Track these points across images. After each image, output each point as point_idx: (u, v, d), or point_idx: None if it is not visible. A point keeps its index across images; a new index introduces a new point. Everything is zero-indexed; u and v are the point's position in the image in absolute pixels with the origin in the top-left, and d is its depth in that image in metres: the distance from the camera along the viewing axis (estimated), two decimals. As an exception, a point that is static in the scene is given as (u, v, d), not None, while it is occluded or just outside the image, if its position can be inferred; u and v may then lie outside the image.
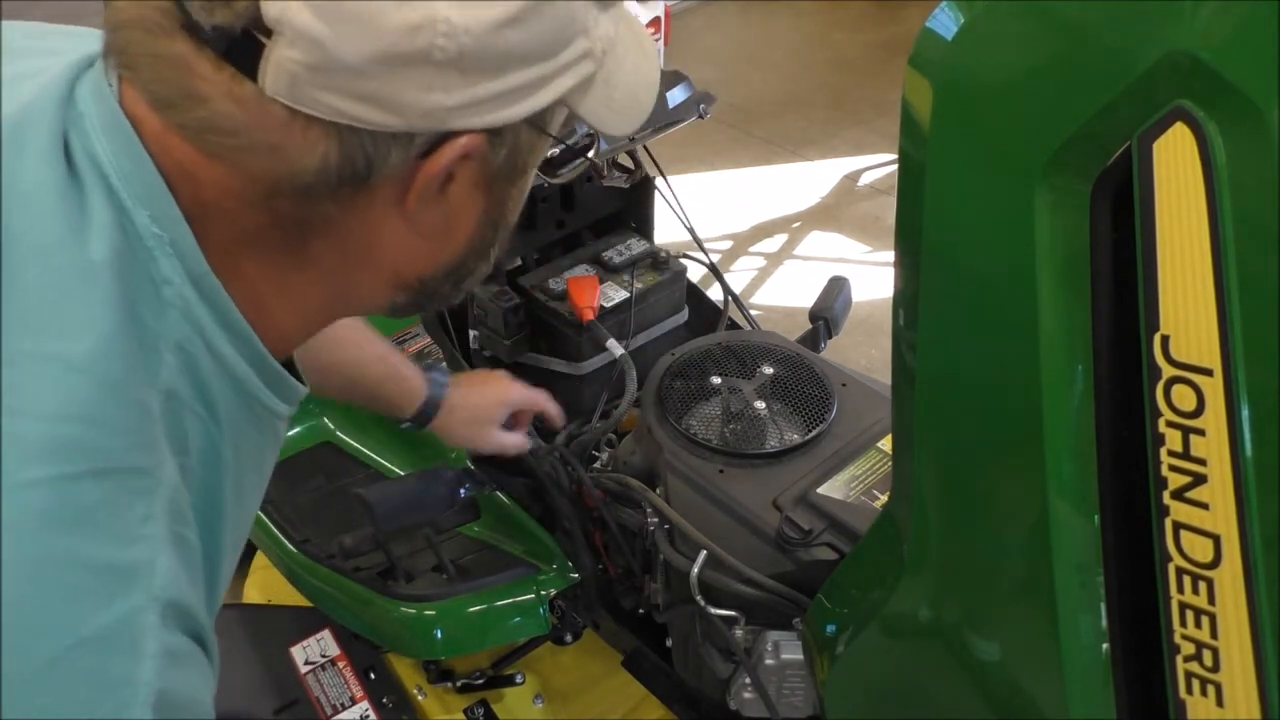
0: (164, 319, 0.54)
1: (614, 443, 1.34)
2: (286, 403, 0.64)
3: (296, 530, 1.57)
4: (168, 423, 0.54)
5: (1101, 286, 0.59)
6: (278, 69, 0.49)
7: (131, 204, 0.53)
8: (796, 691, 1.04)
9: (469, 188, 0.58)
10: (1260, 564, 0.52)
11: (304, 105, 0.50)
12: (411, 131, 0.52)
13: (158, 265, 0.54)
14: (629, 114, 0.64)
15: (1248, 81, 0.48)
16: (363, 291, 0.63)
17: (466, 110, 0.53)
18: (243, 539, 0.67)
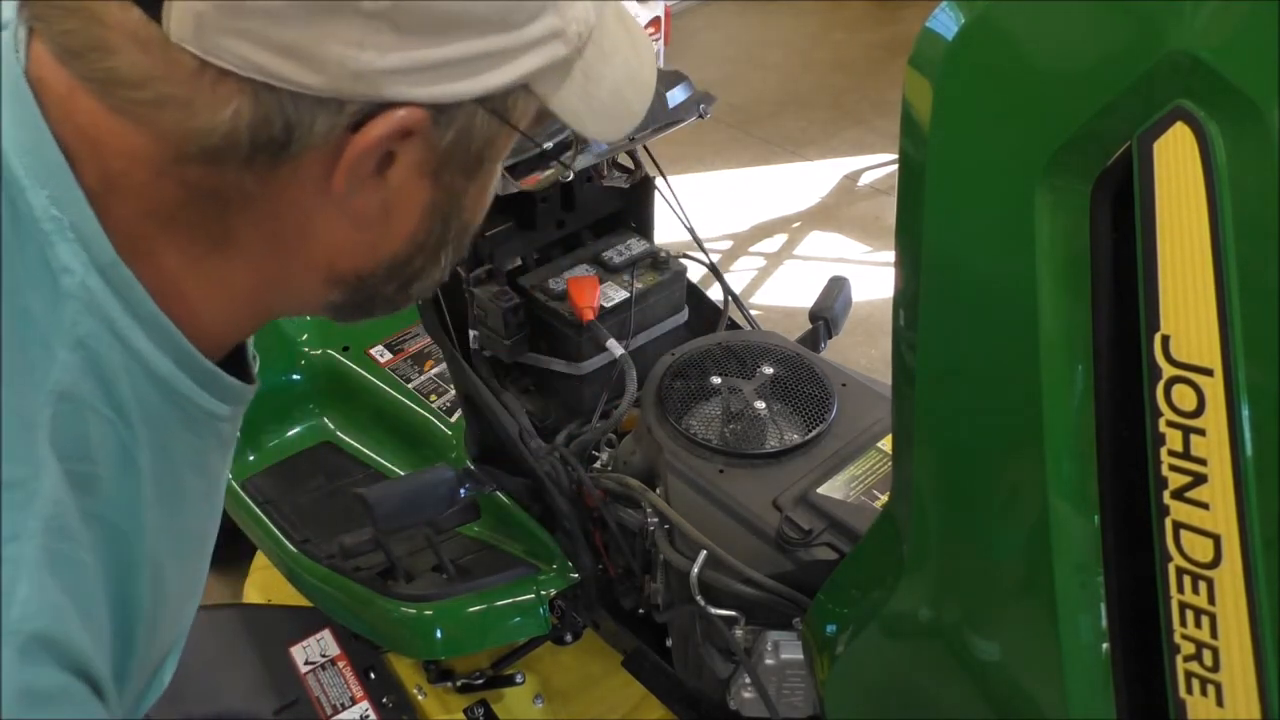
0: (59, 312, 0.48)
1: (614, 443, 1.34)
2: (226, 403, 0.58)
3: (296, 530, 1.57)
4: (60, 427, 0.47)
5: (1101, 286, 0.59)
6: (182, 11, 0.43)
7: (28, 181, 0.47)
8: (796, 691, 1.04)
9: (412, 172, 0.51)
10: (1260, 564, 0.52)
11: (212, 54, 0.44)
12: (340, 97, 0.46)
13: (55, 251, 0.48)
14: (613, 116, 0.58)
15: (1248, 81, 0.48)
16: (294, 284, 0.56)
17: (404, 77, 0.47)
18: (196, 548, 0.61)
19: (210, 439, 0.59)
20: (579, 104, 0.55)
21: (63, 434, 0.48)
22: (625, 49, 0.58)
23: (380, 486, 1.27)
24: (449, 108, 0.49)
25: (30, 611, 0.44)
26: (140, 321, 0.51)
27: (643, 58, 0.62)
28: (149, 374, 0.52)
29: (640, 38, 0.63)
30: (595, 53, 0.55)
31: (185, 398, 0.55)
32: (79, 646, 0.46)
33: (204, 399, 0.56)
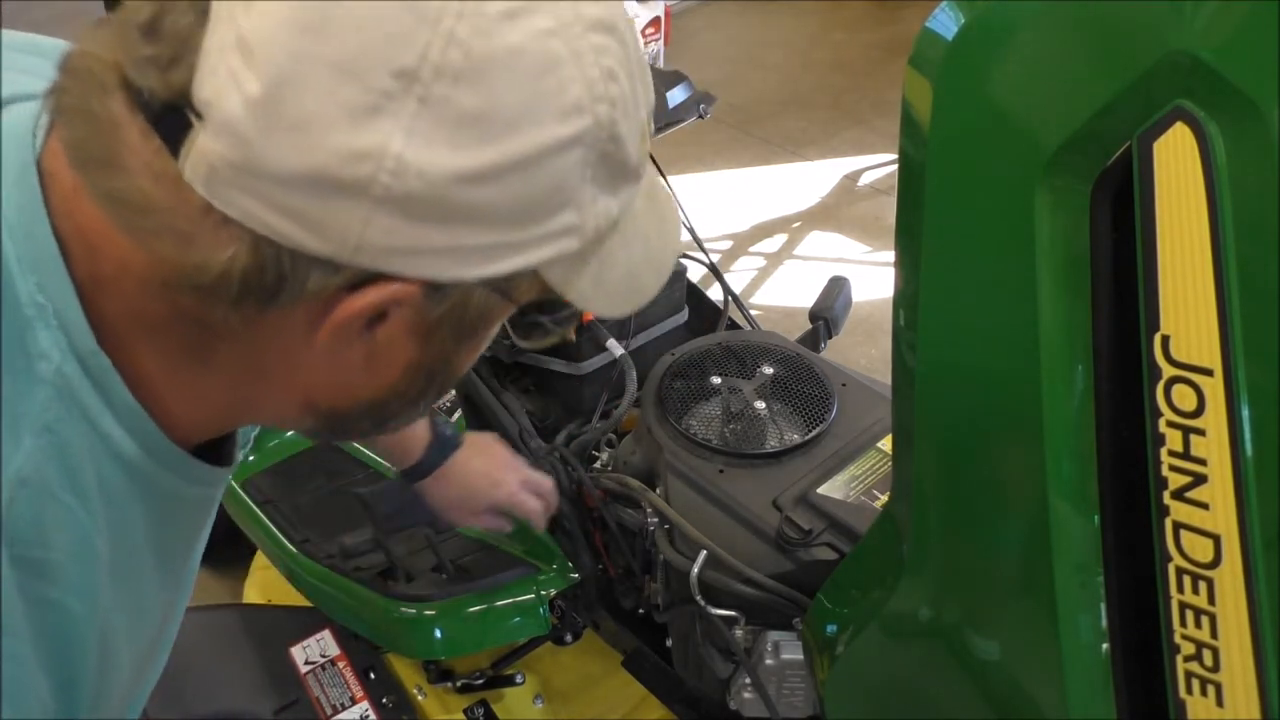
0: (29, 398, 0.48)
1: (614, 443, 1.34)
2: (193, 484, 0.58)
3: (296, 530, 1.57)
4: (16, 513, 0.47)
5: (1101, 286, 0.59)
6: (199, 156, 0.43)
7: (18, 267, 0.48)
8: (796, 691, 1.04)
9: (400, 332, 0.51)
10: (1260, 564, 0.52)
11: (219, 201, 0.44)
12: (338, 262, 0.46)
13: (35, 337, 0.48)
14: (624, 296, 0.58)
15: (1248, 81, 0.48)
16: (269, 405, 0.56)
17: (406, 256, 0.46)
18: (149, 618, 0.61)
19: (172, 516, 0.59)
20: (589, 288, 0.54)
21: (18, 519, 0.48)
22: (648, 231, 0.58)
23: (380, 486, 1.27)
24: (446, 285, 0.49)
25: None
26: (113, 408, 0.51)
27: (666, 238, 0.61)
28: (114, 456, 0.52)
29: (668, 214, 0.62)
30: (616, 240, 0.55)
31: (149, 479, 0.54)
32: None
33: (169, 480, 0.56)
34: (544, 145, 0.46)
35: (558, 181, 0.48)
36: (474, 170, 0.45)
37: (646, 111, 0.54)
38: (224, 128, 0.43)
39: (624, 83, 0.49)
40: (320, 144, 0.43)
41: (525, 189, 0.47)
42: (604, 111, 0.48)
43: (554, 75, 0.46)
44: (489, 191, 0.46)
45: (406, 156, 0.44)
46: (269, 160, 0.43)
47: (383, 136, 0.43)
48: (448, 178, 0.44)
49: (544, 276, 0.52)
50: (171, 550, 0.61)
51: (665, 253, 0.61)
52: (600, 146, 0.49)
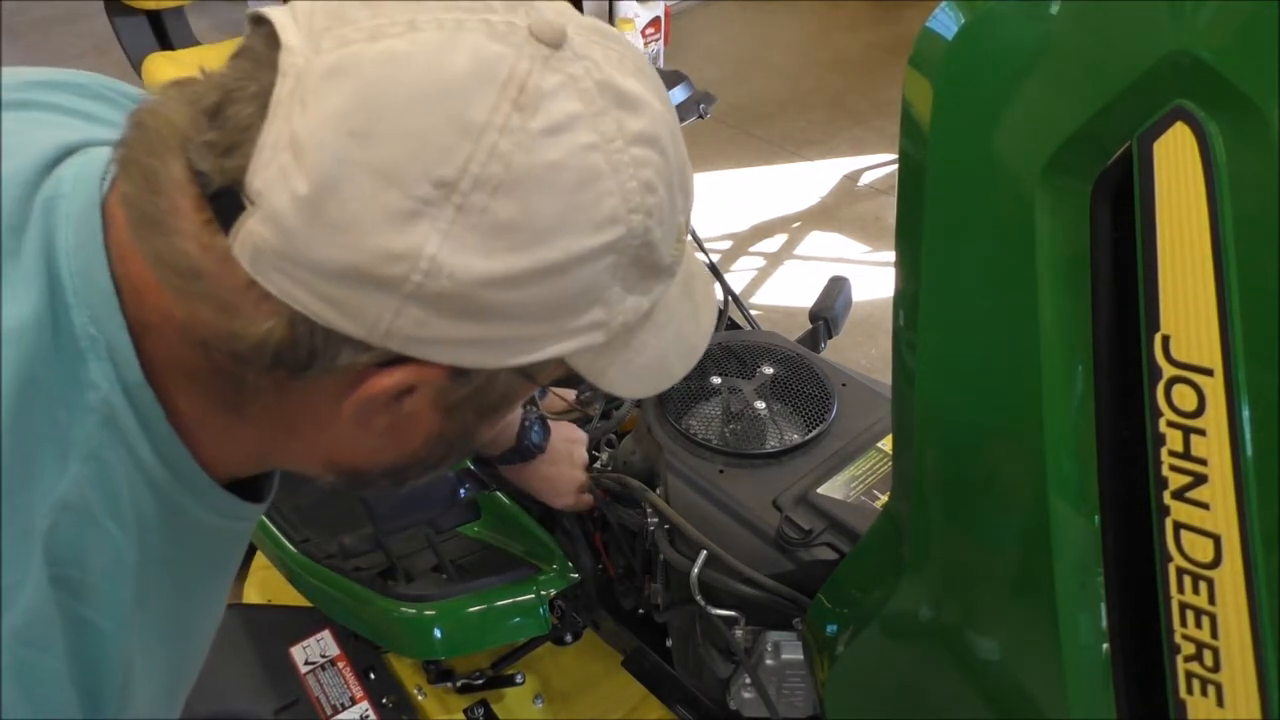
0: (79, 425, 0.50)
1: (614, 443, 1.34)
2: (223, 516, 0.60)
3: (296, 530, 1.57)
4: (57, 536, 0.49)
5: (1101, 286, 0.59)
6: (247, 236, 0.46)
7: (74, 300, 0.50)
8: (796, 691, 1.04)
9: (425, 405, 0.53)
10: (1260, 564, 0.52)
11: (261, 278, 0.46)
12: (369, 344, 0.48)
13: (86, 368, 0.50)
14: (649, 381, 0.59)
15: (1248, 81, 0.48)
16: (294, 458, 0.58)
17: (433, 345, 0.48)
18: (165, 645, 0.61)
19: (200, 546, 0.60)
20: (616, 373, 0.56)
21: (59, 542, 0.50)
22: (682, 318, 0.59)
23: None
24: (470, 371, 0.51)
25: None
26: (150, 436, 0.53)
27: (699, 324, 0.62)
28: (149, 483, 0.54)
29: (703, 301, 0.63)
30: (649, 327, 0.56)
31: (180, 507, 0.56)
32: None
33: (197, 510, 0.58)
34: (576, 254, 0.48)
35: (587, 285, 0.50)
36: (505, 276, 0.47)
37: (685, 216, 0.55)
38: (271, 218, 0.45)
39: (661, 193, 0.51)
40: (359, 244, 0.45)
41: (554, 292, 0.49)
42: (638, 221, 0.50)
43: (591, 189, 0.48)
44: (519, 295, 0.48)
45: (440, 259, 0.45)
46: (311, 253, 0.45)
47: (419, 240, 0.45)
48: (479, 281, 0.46)
49: (570, 363, 0.54)
50: (191, 580, 0.62)
51: (696, 338, 0.62)
52: (633, 252, 0.51)
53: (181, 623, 0.62)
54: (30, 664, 0.49)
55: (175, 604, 0.61)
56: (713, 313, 0.64)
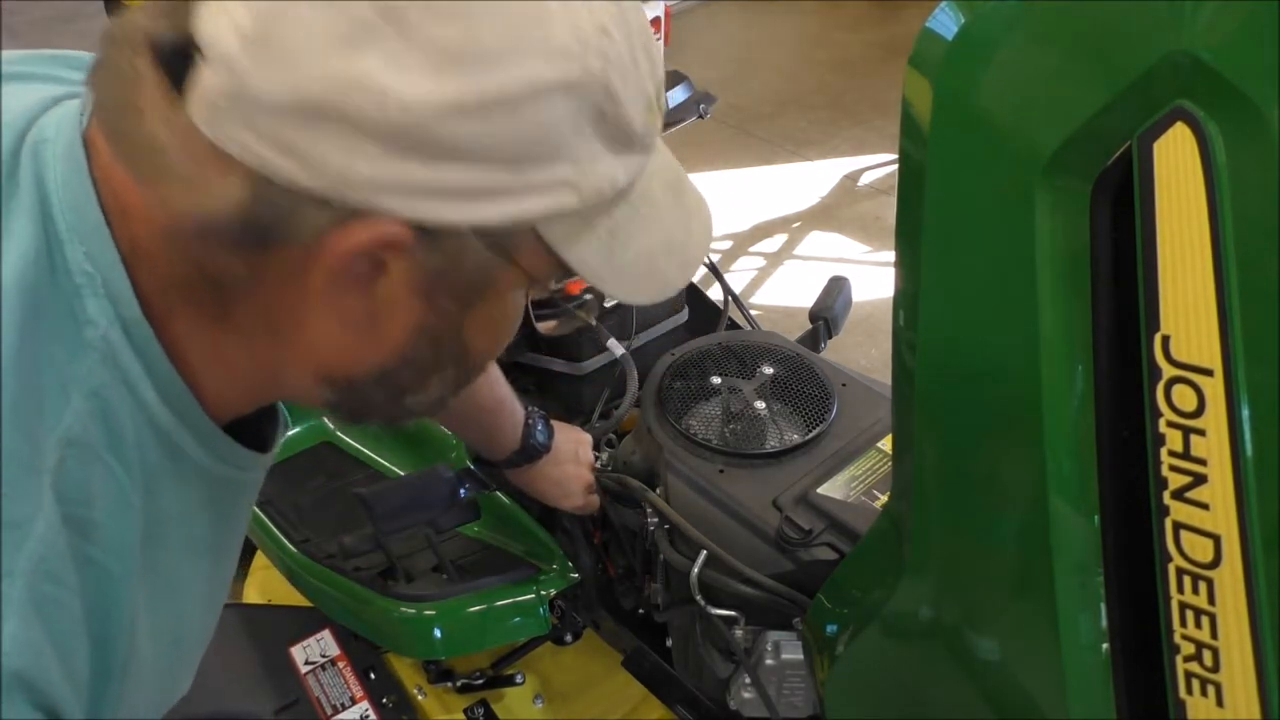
0: (80, 361, 0.50)
1: (614, 443, 1.34)
2: (225, 462, 0.60)
3: (296, 530, 1.57)
4: (65, 472, 0.50)
5: (1101, 286, 0.59)
6: (201, 94, 0.46)
7: (67, 236, 0.50)
8: (796, 691, 1.04)
9: (401, 288, 0.52)
10: (1260, 564, 0.52)
11: (219, 137, 0.46)
12: (330, 199, 0.47)
13: (83, 304, 0.50)
14: (641, 280, 0.58)
15: (1248, 81, 0.48)
16: (289, 374, 0.58)
17: (393, 192, 0.48)
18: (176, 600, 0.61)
19: (203, 493, 0.60)
20: (598, 262, 0.55)
21: (68, 479, 0.50)
22: (670, 221, 0.58)
23: (380, 486, 1.27)
24: (439, 230, 0.50)
25: (13, 649, 0.46)
26: (152, 376, 0.53)
27: (693, 235, 0.61)
28: (152, 425, 0.54)
29: (697, 215, 0.62)
30: (628, 213, 0.55)
31: (182, 451, 0.56)
32: (54, 688, 0.49)
33: (199, 454, 0.57)
34: (527, 83, 0.47)
35: (546, 128, 0.48)
36: (455, 102, 0.46)
37: (654, 86, 0.54)
38: (221, 62, 0.45)
39: (620, 43, 0.50)
40: (307, 73, 0.45)
41: (509, 128, 0.47)
42: (596, 65, 0.49)
43: (541, 19, 0.47)
44: (472, 126, 0.46)
45: (387, 85, 0.45)
46: (261, 91, 0.45)
47: (365, 66, 0.45)
48: (429, 108, 0.46)
49: (544, 237, 0.52)
50: (198, 535, 0.62)
51: (691, 245, 0.61)
52: (594, 101, 0.49)
53: (189, 580, 0.62)
54: (51, 598, 0.49)
55: (182, 560, 0.60)
56: (708, 224, 0.63)
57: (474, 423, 1.15)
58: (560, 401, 1.45)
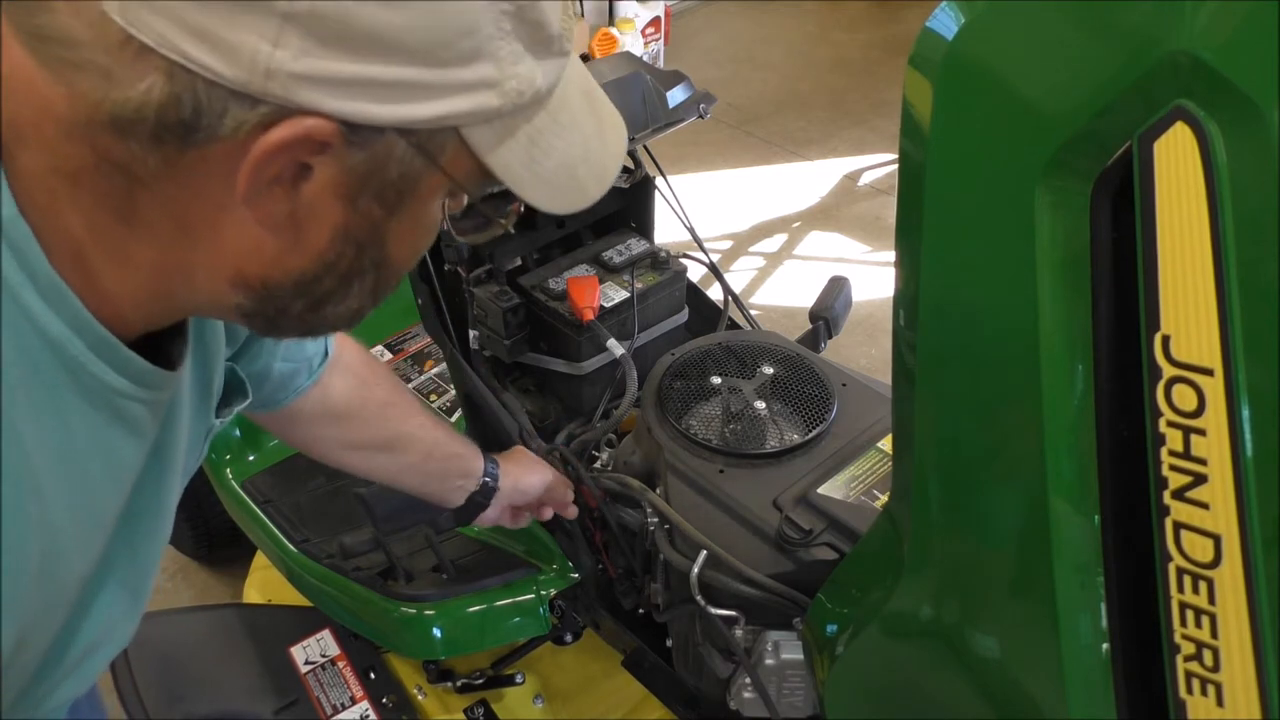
0: None
1: (614, 443, 1.34)
2: (128, 379, 0.57)
3: (296, 530, 1.57)
4: None
5: (1101, 286, 0.59)
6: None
7: None
8: (796, 691, 1.04)
9: (325, 190, 0.51)
10: (1260, 564, 0.52)
11: (135, 27, 0.45)
12: (252, 94, 0.46)
13: None
14: (560, 189, 0.58)
15: (1248, 81, 0.48)
16: (199, 277, 0.55)
17: (317, 86, 0.47)
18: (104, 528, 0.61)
19: (107, 413, 0.57)
20: (520, 168, 0.55)
21: None
22: (587, 129, 0.58)
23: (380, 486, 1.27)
24: (363, 129, 0.49)
25: None
26: (34, 279, 0.50)
27: (608, 145, 0.61)
28: (40, 334, 0.51)
29: (611, 126, 0.62)
30: (547, 121, 0.55)
31: (79, 364, 0.54)
32: None
33: (99, 368, 0.55)
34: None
35: (467, 21, 0.49)
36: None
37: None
38: None
39: None
40: None
41: (431, 19, 0.48)
42: None
43: None
44: (394, 15, 0.46)
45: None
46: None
47: None
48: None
49: (468, 140, 0.52)
50: (118, 458, 0.60)
51: (606, 156, 0.61)
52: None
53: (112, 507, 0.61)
54: None
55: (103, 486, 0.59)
56: (621, 135, 0.63)
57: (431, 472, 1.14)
58: (560, 401, 1.45)
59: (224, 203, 0.51)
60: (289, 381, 0.91)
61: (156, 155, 0.48)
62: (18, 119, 0.49)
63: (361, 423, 1.03)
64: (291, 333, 0.61)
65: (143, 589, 0.70)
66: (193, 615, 1.60)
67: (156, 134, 0.47)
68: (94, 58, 0.46)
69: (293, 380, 0.91)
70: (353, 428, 1.03)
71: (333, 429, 1.02)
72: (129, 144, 0.48)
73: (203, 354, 0.70)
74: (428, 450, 1.10)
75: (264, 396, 0.89)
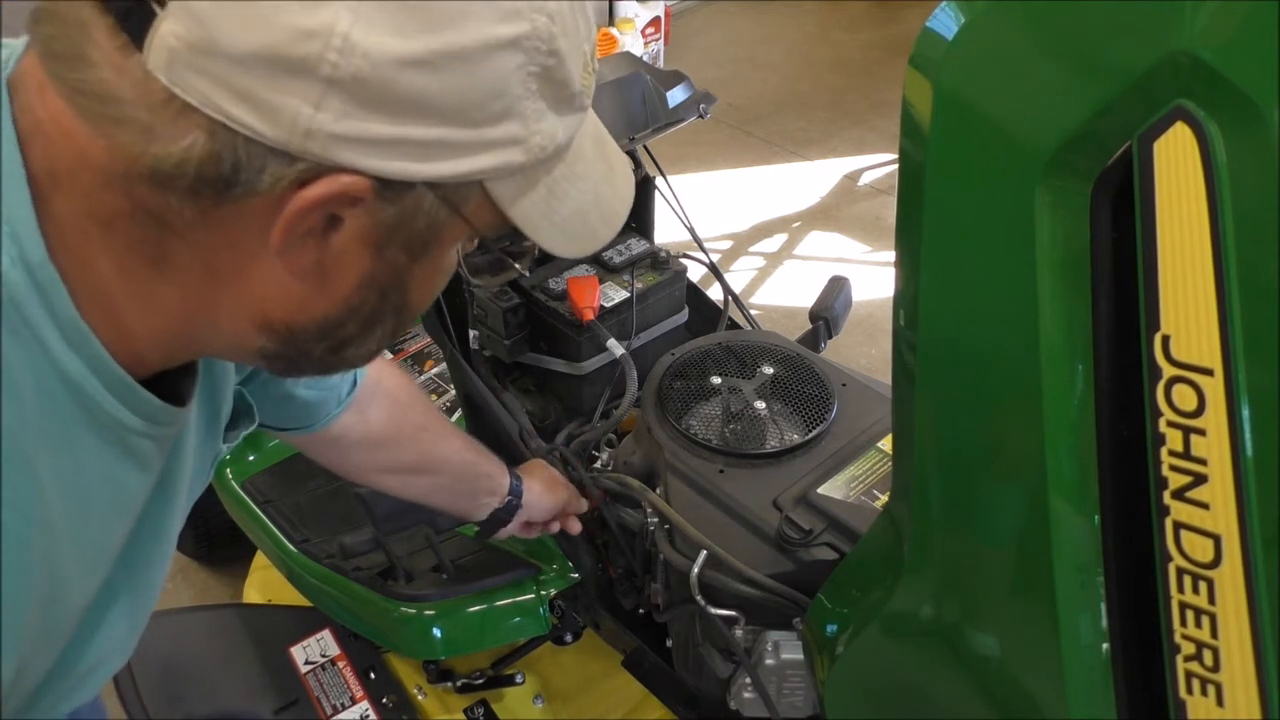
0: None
1: (614, 443, 1.34)
2: (139, 415, 0.58)
3: (296, 530, 1.57)
4: None
5: (1101, 286, 0.59)
6: (160, 42, 0.46)
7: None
8: (796, 691, 1.04)
9: (354, 240, 0.53)
10: (1260, 564, 0.52)
11: (179, 87, 0.46)
12: (291, 152, 0.48)
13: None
14: (574, 235, 0.60)
15: (1248, 81, 0.48)
16: (225, 321, 0.56)
17: (355, 146, 0.48)
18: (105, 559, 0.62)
19: (118, 448, 0.58)
20: (539, 217, 0.57)
21: None
22: (598, 177, 0.60)
23: (380, 486, 1.27)
24: (396, 184, 0.51)
25: None
26: (57, 322, 0.52)
27: (617, 190, 0.63)
28: (59, 373, 0.53)
29: (621, 173, 0.64)
30: (565, 172, 0.57)
31: (95, 402, 0.55)
32: None
33: (114, 406, 0.56)
34: (483, 40, 0.49)
35: (499, 84, 0.50)
36: (417, 56, 0.47)
37: (590, 47, 0.57)
38: (184, 9, 0.45)
39: (563, 3, 0.53)
40: (271, 21, 0.45)
41: (467, 83, 0.49)
42: (542, 23, 0.51)
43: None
44: (432, 81, 0.48)
45: (353, 36, 0.46)
46: (224, 38, 0.45)
47: (329, 16, 0.45)
48: (391, 61, 0.47)
49: (491, 193, 0.54)
50: (124, 491, 0.61)
51: (615, 201, 0.63)
52: (540, 60, 0.51)
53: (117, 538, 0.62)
54: None
55: (108, 516, 0.60)
56: (629, 180, 0.65)
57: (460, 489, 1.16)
58: (560, 401, 1.45)
59: (254, 251, 0.52)
60: (317, 410, 0.92)
61: (192, 207, 0.49)
62: (55, 166, 0.50)
63: (397, 447, 1.05)
64: (310, 373, 0.63)
65: (144, 611, 0.71)
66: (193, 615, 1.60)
67: (194, 188, 0.48)
68: (136, 115, 0.47)
69: (321, 409, 0.93)
70: (389, 453, 1.05)
71: (370, 454, 1.04)
72: (166, 196, 0.49)
73: (211, 383, 0.71)
74: (458, 471, 1.12)
75: (287, 419, 0.91)
